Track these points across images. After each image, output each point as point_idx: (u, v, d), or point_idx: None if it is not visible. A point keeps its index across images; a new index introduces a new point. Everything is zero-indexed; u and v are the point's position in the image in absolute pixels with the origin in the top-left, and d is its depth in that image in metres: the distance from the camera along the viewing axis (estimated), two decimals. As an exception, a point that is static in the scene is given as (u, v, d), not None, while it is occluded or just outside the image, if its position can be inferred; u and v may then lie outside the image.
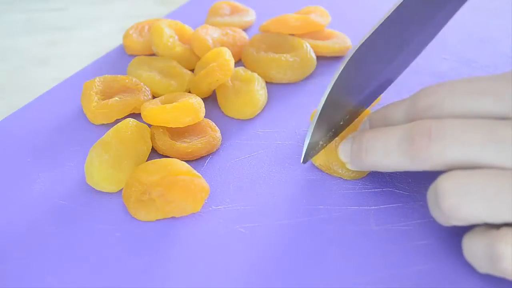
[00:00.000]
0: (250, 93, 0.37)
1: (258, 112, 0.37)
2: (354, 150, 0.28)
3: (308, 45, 0.42)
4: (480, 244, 0.23)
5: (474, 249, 0.24)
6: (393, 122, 0.28)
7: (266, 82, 0.40)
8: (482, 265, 0.23)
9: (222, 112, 0.38)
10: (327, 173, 0.31)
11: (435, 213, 0.25)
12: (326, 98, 0.27)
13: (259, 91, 0.38)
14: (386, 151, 0.26)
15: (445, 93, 0.25)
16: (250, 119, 0.37)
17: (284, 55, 0.41)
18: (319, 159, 0.31)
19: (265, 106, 0.38)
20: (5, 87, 0.45)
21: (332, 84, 0.27)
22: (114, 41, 0.49)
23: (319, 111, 0.27)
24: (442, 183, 0.23)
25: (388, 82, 0.31)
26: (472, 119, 0.24)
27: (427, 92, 0.26)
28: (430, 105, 0.25)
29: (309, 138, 0.28)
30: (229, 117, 0.37)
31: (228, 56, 0.37)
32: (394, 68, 0.31)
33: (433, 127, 0.24)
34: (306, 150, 0.29)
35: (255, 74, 0.39)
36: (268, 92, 0.40)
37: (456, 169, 0.23)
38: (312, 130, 0.28)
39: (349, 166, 0.30)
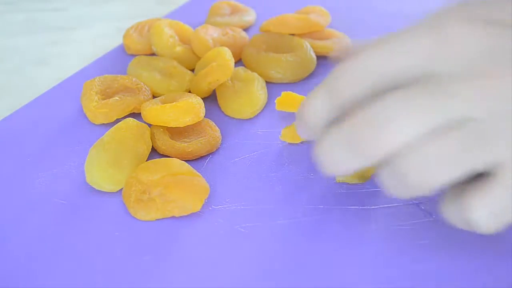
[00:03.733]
0: (250, 93, 0.37)
1: (258, 112, 0.37)
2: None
3: (308, 45, 0.42)
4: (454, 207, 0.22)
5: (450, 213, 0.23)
6: (315, 120, 0.24)
7: (266, 82, 0.40)
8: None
9: (222, 112, 0.38)
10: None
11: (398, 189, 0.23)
12: None
13: (259, 91, 0.38)
14: (335, 162, 0.23)
15: (364, 61, 0.22)
16: (250, 119, 0.37)
17: (284, 55, 0.41)
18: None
19: (265, 106, 0.38)
20: (5, 87, 0.45)
21: None
22: (114, 41, 0.49)
23: None
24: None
25: None
26: (405, 89, 0.21)
27: (342, 70, 0.23)
28: (348, 82, 0.22)
29: None
30: (229, 117, 0.37)
31: (228, 56, 0.37)
32: None
33: (373, 115, 0.21)
34: None
35: (255, 74, 0.39)
36: (268, 92, 0.40)
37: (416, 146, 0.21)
38: None
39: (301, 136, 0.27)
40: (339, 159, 0.23)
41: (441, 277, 0.25)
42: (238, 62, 0.43)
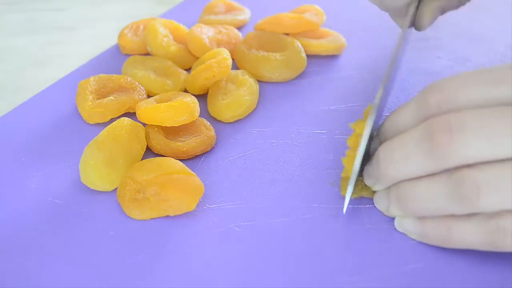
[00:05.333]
0: (236, 97, 0.37)
1: (240, 117, 0.37)
2: (373, 168, 0.27)
3: (300, 44, 0.42)
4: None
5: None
6: (404, 127, 0.26)
7: (259, 81, 0.40)
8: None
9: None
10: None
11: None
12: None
13: (245, 96, 0.37)
14: (404, 157, 0.24)
15: (457, 85, 0.24)
16: (245, 118, 0.37)
17: (274, 54, 0.41)
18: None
19: (258, 105, 0.38)
20: (5, 87, 0.45)
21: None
22: (114, 41, 0.49)
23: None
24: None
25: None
26: (491, 108, 0.22)
27: (437, 87, 0.24)
28: (442, 99, 0.24)
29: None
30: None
31: (226, 55, 0.37)
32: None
33: (453, 120, 0.22)
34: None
35: (251, 79, 0.39)
36: (261, 91, 0.40)
37: (480, 163, 0.22)
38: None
39: (374, 188, 0.28)
40: (408, 155, 0.24)
41: (433, 276, 0.25)
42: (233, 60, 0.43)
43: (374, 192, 0.29)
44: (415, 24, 0.35)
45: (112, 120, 0.36)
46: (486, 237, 0.23)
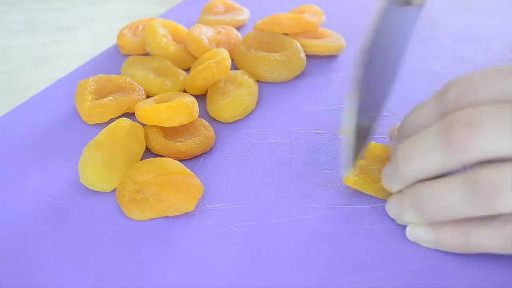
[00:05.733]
0: (235, 97, 0.37)
1: (239, 118, 0.37)
2: (391, 167, 0.27)
3: (299, 45, 0.42)
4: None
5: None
6: (423, 125, 0.26)
7: (258, 81, 0.40)
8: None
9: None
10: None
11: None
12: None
13: (244, 96, 0.37)
14: (422, 153, 0.24)
15: (476, 80, 0.23)
16: (244, 118, 0.37)
17: (273, 54, 0.41)
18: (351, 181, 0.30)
19: (257, 105, 0.38)
20: (5, 87, 0.45)
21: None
22: (113, 41, 0.49)
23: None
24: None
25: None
26: (510, 104, 0.22)
27: (455, 83, 0.24)
28: (461, 94, 0.24)
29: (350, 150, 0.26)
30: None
31: (225, 55, 0.37)
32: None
33: (471, 115, 0.22)
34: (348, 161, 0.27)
35: (250, 80, 0.39)
36: (260, 91, 0.40)
37: (498, 162, 0.22)
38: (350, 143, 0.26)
39: (391, 189, 0.27)
40: (426, 151, 0.24)
41: (434, 276, 0.25)
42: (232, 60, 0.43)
43: (374, 189, 0.29)
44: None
45: (111, 120, 0.36)
46: (506, 241, 0.23)
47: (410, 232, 0.26)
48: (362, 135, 0.28)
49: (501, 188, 0.22)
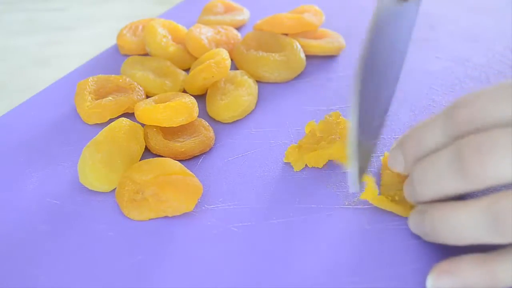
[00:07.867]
0: (234, 97, 0.37)
1: (239, 118, 0.37)
2: (409, 187, 0.26)
3: (298, 45, 0.42)
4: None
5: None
6: (430, 144, 0.25)
7: (258, 82, 0.40)
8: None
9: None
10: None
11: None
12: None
13: (244, 96, 0.37)
14: (437, 178, 0.24)
15: (484, 102, 0.23)
16: (244, 118, 0.37)
17: (273, 54, 0.41)
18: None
19: (257, 106, 0.38)
20: (5, 87, 0.45)
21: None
22: (113, 41, 0.49)
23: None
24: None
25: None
26: None
27: (463, 104, 0.24)
28: (471, 116, 0.23)
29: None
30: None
31: (225, 55, 0.37)
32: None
33: (483, 141, 0.22)
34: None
35: (250, 80, 0.39)
36: (260, 91, 0.40)
37: None
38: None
39: (414, 203, 0.27)
40: (440, 176, 0.24)
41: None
42: (232, 60, 0.43)
43: (393, 206, 0.28)
44: None
45: (111, 120, 0.36)
46: None
47: (431, 285, 0.25)
48: (366, 151, 0.27)
49: None
